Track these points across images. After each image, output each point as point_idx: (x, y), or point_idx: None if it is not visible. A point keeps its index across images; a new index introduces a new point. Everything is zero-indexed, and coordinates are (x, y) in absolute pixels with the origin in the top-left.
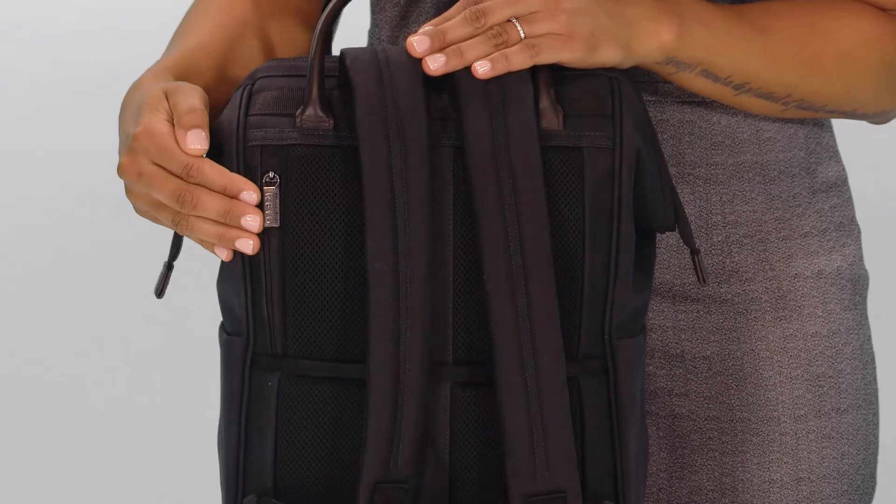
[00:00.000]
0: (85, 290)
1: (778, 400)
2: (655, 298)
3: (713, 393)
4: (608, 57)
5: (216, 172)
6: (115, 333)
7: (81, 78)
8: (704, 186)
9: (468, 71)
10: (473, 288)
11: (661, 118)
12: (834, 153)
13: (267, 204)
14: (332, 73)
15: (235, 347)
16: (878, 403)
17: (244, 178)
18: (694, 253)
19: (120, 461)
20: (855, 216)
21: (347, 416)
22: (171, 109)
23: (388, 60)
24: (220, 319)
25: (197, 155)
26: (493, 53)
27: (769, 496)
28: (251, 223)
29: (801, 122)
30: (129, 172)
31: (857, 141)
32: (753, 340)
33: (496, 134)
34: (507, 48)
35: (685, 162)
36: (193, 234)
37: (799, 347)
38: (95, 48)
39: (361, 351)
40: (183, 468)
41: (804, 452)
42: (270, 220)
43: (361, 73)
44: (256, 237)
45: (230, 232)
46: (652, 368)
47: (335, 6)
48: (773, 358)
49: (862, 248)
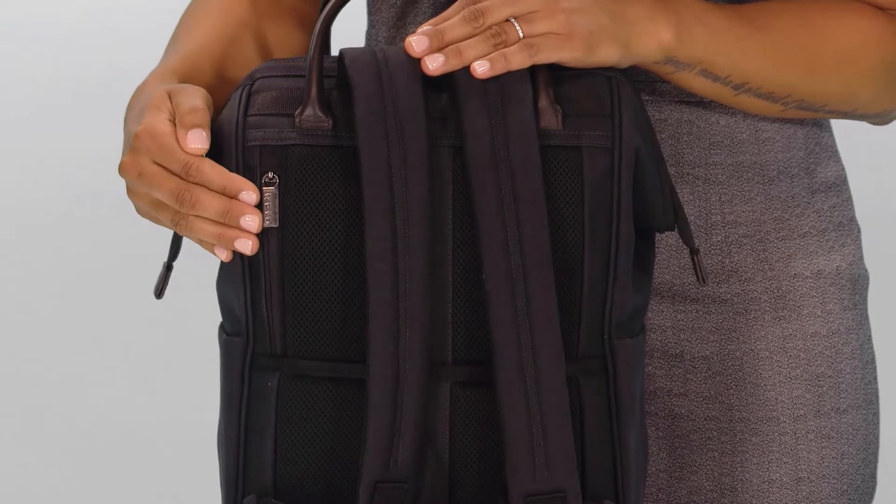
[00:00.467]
0: (85, 290)
1: (777, 400)
2: (655, 298)
3: (712, 393)
4: (607, 56)
5: (216, 172)
6: (115, 333)
7: (81, 78)
8: (703, 186)
9: (467, 71)
10: (473, 287)
11: (659, 118)
12: (833, 153)
13: (266, 204)
14: (331, 73)
15: (235, 347)
16: (878, 403)
17: (244, 178)
18: (693, 253)
19: (120, 461)
20: (854, 216)
21: (347, 415)
22: (173, 110)
23: (386, 60)
24: (219, 319)
25: (197, 154)
26: (491, 53)
27: (769, 496)
28: (250, 223)
29: (800, 122)
30: (130, 171)
31: (856, 141)
32: (753, 340)
33: (495, 133)
34: (505, 48)
35: (684, 162)
36: (193, 234)
37: (798, 347)
38: (95, 48)
39: (361, 351)
40: (183, 468)
41: (804, 452)
42: (270, 220)
43: (360, 72)
44: (255, 238)
45: (229, 232)
46: (651, 368)
47: (334, 6)
48: (772, 358)
49: (862, 247)
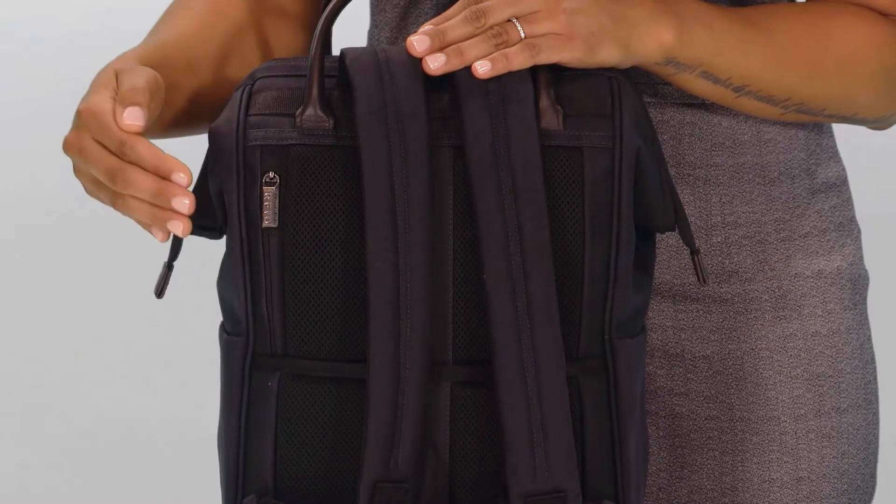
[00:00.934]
0: (85, 290)
1: (778, 399)
2: (655, 298)
3: (713, 392)
4: (608, 57)
5: (150, 152)
6: (115, 333)
7: (81, 78)
8: (704, 187)
9: (468, 71)
10: (473, 287)
11: (662, 119)
12: (834, 153)
13: (266, 204)
14: (332, 73)
15: (235, 347)
16: (878, 403)
17: (177, 160)
18: (694, 253)
19: (120, 461)
20: (855, 216)
21: (347, 415)
22: (118, 88)
23: (388, 60)
24: (220, 319)
25: (132, 132)
26: (493, 53)
27: (769, 495)
28: (181, 205)
29: (801, 124)
30: (72, 148)
31: (857, 143)
32: (753, 340)
33: (496, 134)
34: (507, 48)
35: (685, 163)
36: (129, 212)
37: (799, 347)
38: (95, 48)
39: (361, 350)
40: (183, 468)
41: (804, 452)
42: (270, 220)
43: (361, 72)
44: (188, 219)
45: (162, 213)
46: (652, 368)
47: (335, 6)
48: (772, 357)
49: (862, 247)
